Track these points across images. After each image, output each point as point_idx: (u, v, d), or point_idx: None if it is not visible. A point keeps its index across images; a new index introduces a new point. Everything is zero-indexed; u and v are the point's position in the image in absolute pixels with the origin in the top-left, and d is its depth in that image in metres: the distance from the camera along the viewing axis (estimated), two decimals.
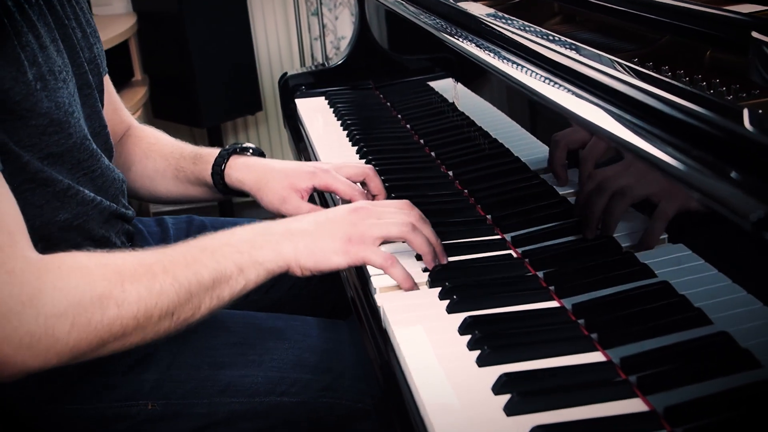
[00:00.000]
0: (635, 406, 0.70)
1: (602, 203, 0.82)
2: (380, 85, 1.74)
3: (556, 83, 0.90)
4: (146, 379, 1.00)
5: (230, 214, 2.87)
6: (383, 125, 1.54)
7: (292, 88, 1.79)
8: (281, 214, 1.12)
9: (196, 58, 2.65)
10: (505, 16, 1.18)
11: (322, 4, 2.95)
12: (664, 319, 0.74)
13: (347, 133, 1.51)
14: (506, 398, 0.71)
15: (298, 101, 1.75)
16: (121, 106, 1.28)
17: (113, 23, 2.58)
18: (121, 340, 0.81)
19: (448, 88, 1.30)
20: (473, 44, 1.13)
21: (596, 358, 0.77)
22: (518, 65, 0.99)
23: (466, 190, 1.18)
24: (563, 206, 0.93)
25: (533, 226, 0.98)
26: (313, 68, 1.86)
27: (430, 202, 1.16)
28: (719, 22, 0.82)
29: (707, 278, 0.68)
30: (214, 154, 1.20)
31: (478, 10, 1.24)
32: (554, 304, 0.87)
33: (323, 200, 1.26)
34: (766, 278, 0.60)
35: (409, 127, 1.49)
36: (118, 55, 2.54)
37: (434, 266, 0.94)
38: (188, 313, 0.85)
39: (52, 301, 0.77)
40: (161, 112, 2.86)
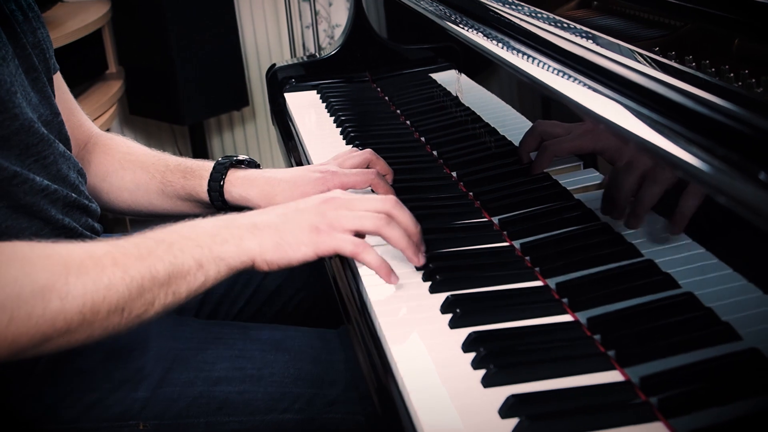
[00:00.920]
0: (656, 431, 0.69)
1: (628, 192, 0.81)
2: (377, 77, 1.74)
3: (569, 75, 0.90)
4: (136, 397, 1.01)
5: None
6: (381, 121, 1.54)
7: (281, 81, 1.79)
8: None
9: (176, 48, 2.65)
10: (513, 1, 1.18)
11: None
12: (688, 334, 0.73)
13: (341, 130, 1.51)
14: (514, 422, 0.71)
15: (287, 96, 1.75)
16: (79, 110, 1.27)
17: (84, 10, 2.58)
18: (65, 336, 0.82)
19: (451, 80, 1.30)
20: (479, 33, 1.13)
21: (614, 377, 0.76)
22: (528, 56, 0.99)
23: (471, 192, 1.18)
24: (578, 210, 0.93)
25: (544, 232, 0.98)
26: (304, 59, 1.86)
27: (431, 205, 1.16)
28: (748, 7, 0.82)
29: (735, 289, 0.68)
30: (205, 167, 1.21)
31: None
32: (567, 317, 0.86)
33: None
34: None
35: (409, 123, 1.49)
36: (90, 45, 2.54)
37: (436, 279, 0.94)
38: (140, 309, 0.85)
39: None
40: (138, 108, 2.86)
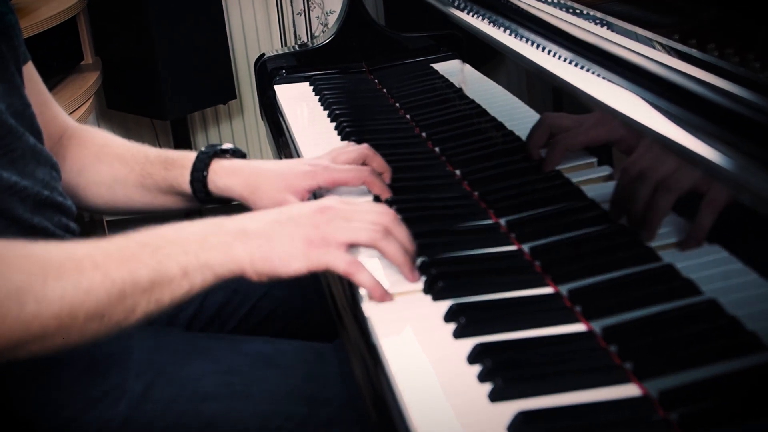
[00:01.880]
0: None
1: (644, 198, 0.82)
2: (375, 68, 1.74)
3: (581, 65, 0.90)
4: (115, 414, 1.01)
5: None
6: (378, 115, 1.54)
7: (270, 72, 1.79)
8: None
9: (157, 37, 2.65)
10: None
11: None
12: (710, 344, 0.74)
13: (336, 125, 1.51)
14: None
15: (277, 88, 1.75)
16: (53, 102, 1.28)
17: None
18: (40, 341, 0.82)
19: (454, 71, 1.30)
20: (484, 19, 1.13)
21: (631, 391, 0.76)
22: (537, 44, 0.99)
23: (476, 191, 1.18)
24: (592, 211, 0.93)
25: (556, 234, 0.98)
26: (295, 49, 1.86)
27: (433, 206, 1.16)
28: None
29: (762, 296, 0.68)
30: (188, 157, 1.22)
31: None
32: (581, 327, 0.87)
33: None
34: None
35: (409, 117, 1.49)
36: (64, 34, 2.54)
37: (438, 286, 0.94)
38: (120, 315, 0.86)
39: None
40: (116, 102, 2.86)
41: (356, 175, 1.15)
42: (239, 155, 1.24)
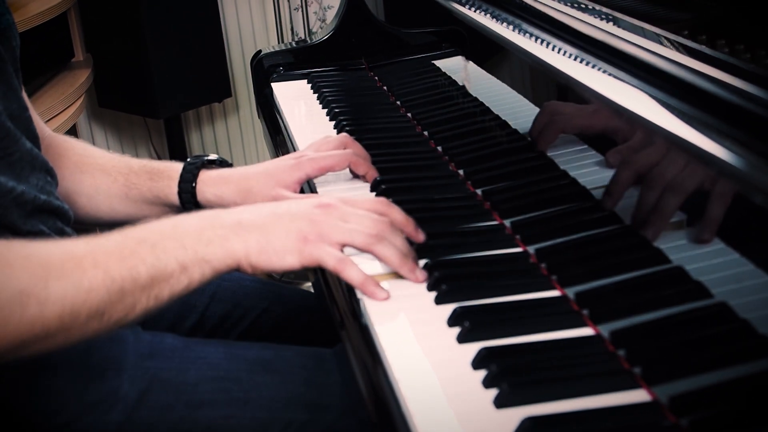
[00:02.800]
0: None
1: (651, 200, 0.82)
2: (375, 64, 1.74)
3: (587, 62, 0.90)
4: (109, 421, 1.01)
5: None
6: (379, 114, 1.54)
7: (267, 69, 1.79)
8: None
9: (150, 33, 2.64)
10: None
11: None
12: (722, 348, 0.74)
13: (335, 123, 1.51)
14: None
15: (274, 85, 1.75)
16: (32, 108, 1.28)
17: None
18: (43, 341, 0.84)
19: (457, 68, 1.30)
20: (487, 14, 1.13)
21: (640, 397, 0.76)
22: (542, 40, 0.99)
23: (479, 191, 1.18)
24: (599, 211, 0.93)
25: (562, 235, 0.98)
26: (293, 45, 1.87)
27: (436, 207, 1.16)
28: None
29: None
30: (173, 168, 1.24)
31: None
32: (588, 331, 0.87)
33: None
34: None
35: (410, 116, 1.49)
36: (54, 30, 2.54)
37: (442, 289, 0.94)
38: (120, 313, 0.88)
39: None
40: (108, 100, 2.85)
41: (340, 159, 1.21)
42: (225, 165, 1.27)
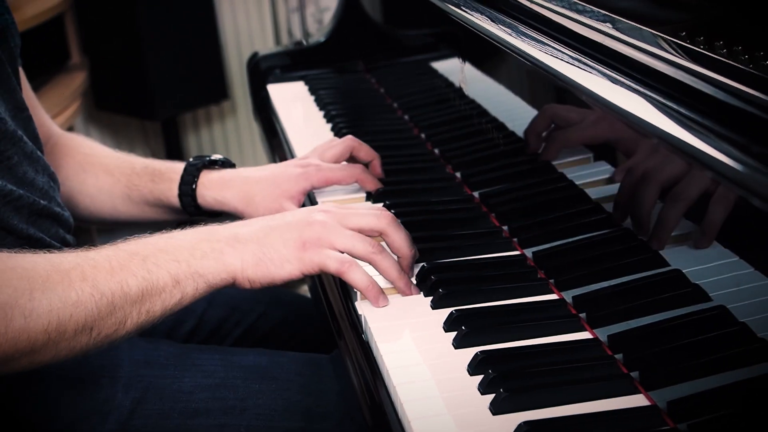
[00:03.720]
0: None
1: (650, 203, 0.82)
2: (372, 67, 1.74)
3: (585, 63, 0.90)
4: (103, 430, 1.00)
5: None
6: (376, 116, 1.54)
7: (264, 71, 1.79)
8: None
9: (146, 35, 2.64)
10: None
11: None
12: (721, 352, 0.73)
13: (332, 126, 1.51)
14: None
15: (271, 87, 1.74)
16: (40, 107, 1.28)
17: None
18: (29, 356, 0.83)
19: (454, 70, 1.30)
20: (484, 16, 1.13)
21: (638, 401, 0.76)
22: (540, 42, 0.99)
23: (476, 194, 1.18)
24: (597, 214, 0.93)
25: (560, 239, 0.98)
26: (290, 47, 1.86)
27: (432, 210, 1.16)
28: None
29: None
30: (175, 169, 1.22)
31: None
32: (586, 335, 0.87)
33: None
34: None
35: (407, 118, 1.49)
36: (50, 32, 2.53)
37: (438, 293, 0.93)
38: (110, 328, 0.87)
39: None
40: (105, 102, 2.85)
41: (349, 173, 1.18)
42: (228, 165, 1.24)
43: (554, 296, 0.93)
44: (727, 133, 0.69)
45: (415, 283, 0.98)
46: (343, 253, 0.94)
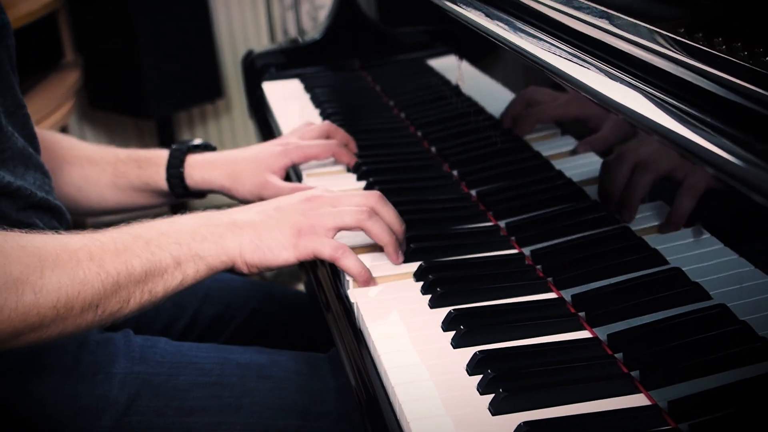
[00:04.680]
0: None
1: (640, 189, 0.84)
2: (368, 64, 1.74)
3: (582, 59, 0.89)
4: (98, 426, 1.01)
5: None
6: (372, 114, 1.54)
7: (259, 69, 1.79)
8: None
9: (141, 33, 2.64)
10: None
11: None
12: (721, 351, 0.73)
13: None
14: None
15: (266, 85, 1.74)
16: None
17: None
18: (37, 331, 0.86)
19: (451, 67, 1.30)
20: (481, 13, 1.12)
21: (639, 401, 0.76)
22: (538, 39, 0.98)
23: (473, 192, 1.17)
24: (595, 212, 0.92)
25: (558, 237, 0.97)
26: (285, 45, 1.86)
27: (430, 208, 1.15)
28: None
29: None
30: (160, 155, 1.28)
31: None
32: (585, 334, 0.86)
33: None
34: None
35: (403, 116, 1.49)
36: (43, 30, 2.53)
37: (436, 292, 0.93)
38: (115, 306, 0.90)
39: None
40: (99, 101, 2.85)
41: (325, 148, 1.27)
42: (210, 149, 1.31)
43: (553, 295, 0.93)
44: (728, 129, 0.68)
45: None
46: (337, 232, 0.98)
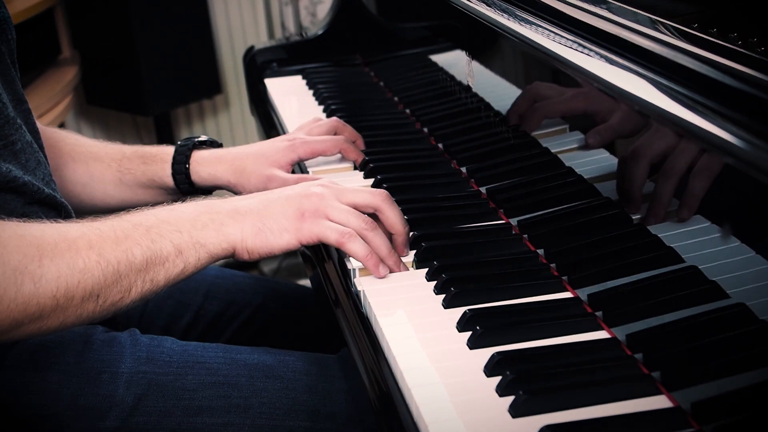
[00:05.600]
0: None
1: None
2: (371, 60, 1.73)
3: (591, 51, 0.89)
4: (104, 427, 1.00)
5: None
6: (377, 110, 1.53)
7: (260, 65, 1.78)
8: None
9: (138, 29, 2.63)
10: None
11: None
12: (742, 351, 0.73)
13: None
14: None
15: (268, 81, 1.73)
16: None
17: None
18: (37, 322, 0.86)
19: (455, 62, 1.29)
20: (483, 4, 1.12)
21: (661, 403, 0.75)
22: (542, 30, 0.98)
23: (483, 190, 1.16)
24: (609, 209, 0.92)
25: (571, 235, 0.97)
26: (287, 40, 1.85)
27: (438, 206, 1.14)
28: None
29: None
30: (165, 151, 1.27)
31: None
32: (603, 334, 0.85)
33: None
34: None
35: (408, 112, 1.48)
36: (40, 26, 2.52)
37: (450, 292, 0.92)
38: (116, 296, 0.90)
39: None
40: (97, 97, 2.84)
41: (332, 144, 1.26)
42: (216, 145, 1.30)
43: (569, 294, 0.92)
44: (732, 114, 0.69)
45: (414, 259, 1.01)
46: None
